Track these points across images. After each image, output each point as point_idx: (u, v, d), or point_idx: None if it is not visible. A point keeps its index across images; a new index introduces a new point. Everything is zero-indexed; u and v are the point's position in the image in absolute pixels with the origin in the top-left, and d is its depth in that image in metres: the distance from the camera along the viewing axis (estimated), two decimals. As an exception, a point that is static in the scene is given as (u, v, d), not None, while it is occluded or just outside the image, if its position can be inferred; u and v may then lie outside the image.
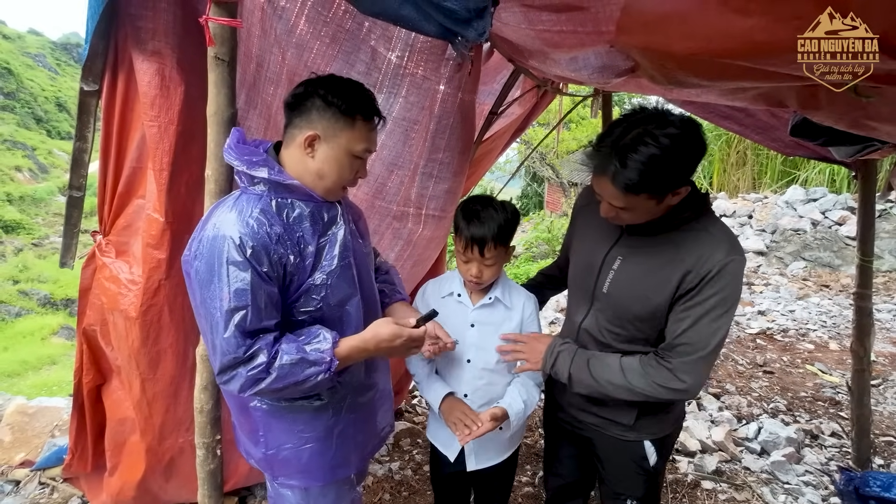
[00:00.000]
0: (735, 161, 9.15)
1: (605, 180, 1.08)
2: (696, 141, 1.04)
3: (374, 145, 1.14)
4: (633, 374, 1.19)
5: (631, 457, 1.35)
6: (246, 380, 1.00)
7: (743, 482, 2.43)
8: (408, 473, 2.39)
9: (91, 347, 1.70)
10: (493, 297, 1.42)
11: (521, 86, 2.32)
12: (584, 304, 1.34)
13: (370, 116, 1.08)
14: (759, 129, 2.12)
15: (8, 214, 18.43)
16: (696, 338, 1.13)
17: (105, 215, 1.55)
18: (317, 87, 1.04)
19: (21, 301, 14.39)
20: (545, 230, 9.60)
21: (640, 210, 1.11)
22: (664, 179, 1.04)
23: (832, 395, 3.35)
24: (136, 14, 1.29)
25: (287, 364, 1.02)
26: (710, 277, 1.11)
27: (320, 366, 1.04)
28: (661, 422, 1.33)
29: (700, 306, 1.12)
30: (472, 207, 1.34)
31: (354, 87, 1.07)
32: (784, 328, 4.53)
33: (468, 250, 1.33)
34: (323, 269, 1.09)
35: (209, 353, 1.05)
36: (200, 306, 1.01)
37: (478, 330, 1.41)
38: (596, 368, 1.23)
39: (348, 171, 1.10)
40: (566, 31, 1.09)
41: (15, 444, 2.44)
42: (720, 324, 1.13)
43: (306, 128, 1.04)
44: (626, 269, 1.23)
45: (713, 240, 1.14)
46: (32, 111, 27.28)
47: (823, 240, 6.28)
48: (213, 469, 1.30)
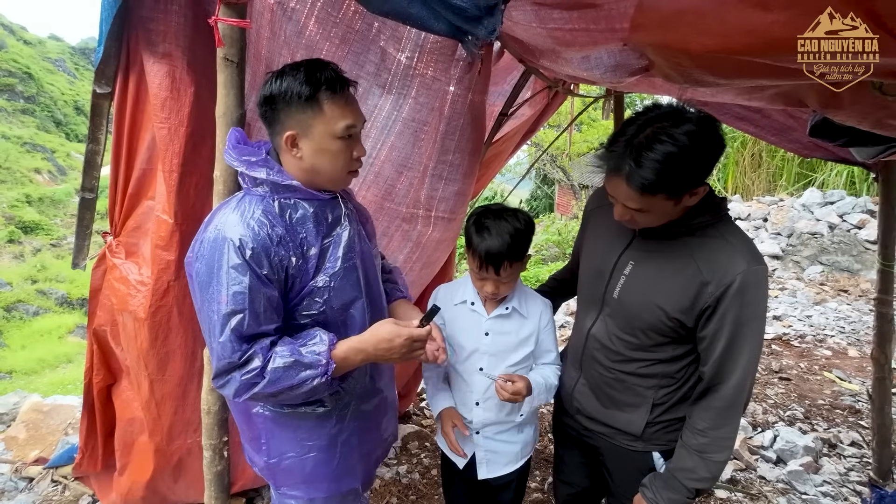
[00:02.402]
0: (750, 163, 9.01)
1: (619, 181, 1.04)
2: (714, 138, 1.00)
3: (358, 117, 1.06)
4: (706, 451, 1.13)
5: (639, 468, 1.30)
6: (240, 384, 0.98)
7: (758, 492, 2.37)
8: (415, 477, 2.38)
9: (101, 348, 1.71)
10: (509, 308, 1.37)
11: (531, 87, 2.30)
12: (593, 310, 1.30)
13: (336, 89, 1.00)
14: (776, 130, 2.07)
15: (27, 215, 18.87)
16: (730, 368, 1.09)
17: (116, 217, 1.56)
18: (270, 89, 1.00)
19: (39, 300, 14.70)
20: (555, 233, 9.54)
21: (657, 212, 1.07)
22: (681, 178, 1.00)
23: (851, 403, 3.26)
24: (147, 16, 1.30)
25: (280, 367, 0.98)
26: (733, 291, 1.05)
27: (316, 369, 1.00)
28: (671, 433, 1.27)
29: (729, 327, 1.07)
30: (483, 222, 1.26)
31: (305, 69, 1.00)
32: (801, 334, 4.43)
33: (483, 269, 1.26)
34: (326, 272, 1.07)
35: (210, 356, 1.04)
36: (200, 309, 1.00)
37: (492, 339, 1.37)
38: (686, 477, 1.15)
39: (342, 156, 1.04)
40: (578, 30, 1.07)
41: (30, 441, 2.47)
42: (753, 344, 1.08)
43: (283, 130, 1.01)
44: (638, 274, 1.19)
45: (731, 249, 1.08)
46: (52, 114, 27.95)
47: (841, 243, 6.13)
48: (220, 471, 1.29)
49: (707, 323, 1.10)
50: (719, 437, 1.12)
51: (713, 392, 1.12)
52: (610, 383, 1.28)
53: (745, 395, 1.11)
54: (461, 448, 1.36)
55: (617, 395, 1.28)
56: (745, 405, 1.13)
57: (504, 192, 12.95)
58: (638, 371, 1.23)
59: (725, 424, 1.11)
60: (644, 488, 1.21)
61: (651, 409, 1.24)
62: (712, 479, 1.14)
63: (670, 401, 1.23)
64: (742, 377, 1.09)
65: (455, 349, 1.41)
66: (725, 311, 1.07)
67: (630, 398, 1.26)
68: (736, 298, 1.05)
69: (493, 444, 1.43)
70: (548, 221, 11.08)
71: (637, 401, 1.25)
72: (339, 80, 1.01)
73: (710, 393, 1.13)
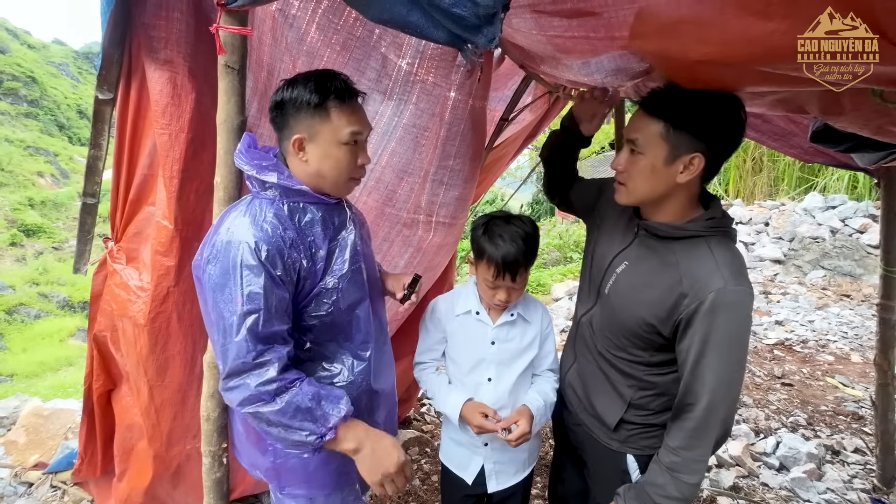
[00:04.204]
0: (751, 167, 9.00)
1: (637, 109, 1.09)
2: (732, 108, 1.04)
3: (364, 125, 1.10)
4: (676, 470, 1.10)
5: (614, 469, 1.29)
6: (251, 394, 0.99)
7: (761, 499, 2.36)
8: (415, 483, 2.36)
9: (101, 353, 1.71)
10: (515, 315, 1.37)
11: (532, 92, 2.30)
12: (589, 298, 1.32)
13: (344, 98, 1.05)
14: (777, 135, 2.07)
15: (30, 219, 18.92)
16: (699, 389, 1.05)
17: (117, 222, 1.56)
18: (282, 94, 1.05)
19: (40, 303, 14.71)
20: (557, 237, 9.52)
21: (647, 161, 1.07)
22: (685, 111, 1.02)
23: (855, 409, 3.24)
24: (149, 23, 1.30)
25: (295, 405, 1.00)
26: (704, 309, 1.02)
27: (319, 428, 1.02)
28: (648, 439, 1.24)
29: (697, 346, 1.04)
30: (495, 231, 1.25)
31: (315, 78, 1.04)
32: (803, 339, 4.41)
33: (499, 278, 1.25)
34: (334, 274, 1.10)
35: (217, 359, 1.04)
36: (212, 311, 1.01)
37: (498, 347, 1.36)
38: (656, 493, 1.12)
39: (346, 162, 1.08)
40: (578, 37, 1.07)
41: (29, 445, 2.47)
42: (723, 369, 1.03)
43: (291, 133, 1.05)
44: (628, 275, 1.19)
45: (713, 265, 1.04)
46: (55, 118, 28.06)
47: (843, 248, 6.11)
48: (219, 477, 1.29)
49: (682, 338, 1.08)
50: (690, 458, 1.08)
51: (686, 411, 1.08)
52: (594, 372, 1.29)
53: (716, 421, 1.05)
54: (496, 427, 1.29)
55: (599, 383, 1.29)
56: (725, 430, 1.08)
57: (505, 196, 12.94)
58: (618, 367, 1.23)
59: (696, 447, 1.07)
60: (618, 497, 1.20)
61: (627, 407, 1.23)
62: (683, 499, 1.09)
63: (648, 405, 1.22)
64: (711, 401, 1.04)
65: (458, 362, 1.40)
66: (696, 328, 1.04)
67: (609, 389, 1.26)
68: (706, 318, 1.02)
69: (502, 454, 1.42)
70: (549, 225, 11.07)
71: (614, 395, 1.25)
72: (348, 90, 1.06)
73: (683, 412, 1.09)
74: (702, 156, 1.04)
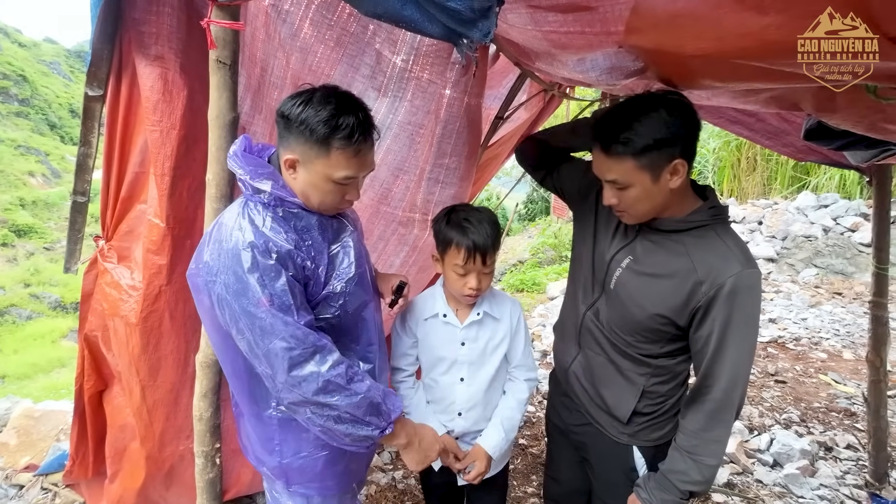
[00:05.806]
0: (745, 166, 9.05)
1: (596, 152, 1.08)
2: (687, 109, 1.03)
3: (364, 168, 1.05)
4: (697, 453, 1.12)
5: (621, 465, 1.30)
6: (326, 380, 0.98)
7: (755, 495, 2.37)
8: (411, 483, 2.36)
9: (92, 353, 1.69)
10: (480, 313, 1.37)
11: (527, 90, 2.30)
12: (592, 291, 1.31)
13: (352, 140, 0.98)
14: (770, 133, 2.08)
15: (21, 219, 18.72)
16: (720, 370, 1.08)
17: (107, 220, 1.54)
18: (291, 108, 0.98)
19: (32, 304, 14.55)
20: (552, 236, 9.53)
21: (637, 188, 1.07)
22: (652, 141, 1.01)
23: (847, 405, 3.27)
24: (139, 19, 1.29)
25: (369, 399, 1.02)
26: (725, 293, 1.05)
27: (381, 423, 1.05)
28: (657, 430, 1.26)
29: (719, 329, 1.07)
30: (459, 218, 1.28)
31: (330, 109, 0.97)
32: (796, 336, 4.44)
33: (469, 262, 1.26)
34: (341, 277, 1.09)
35: (262, 365, 1.00)
36: (242, 317, 0.96)
37: (468, 348, 1.37)
38: (679, 479, 1.14)
39: (331, 196, 1.04)
40: (573, 32, 1.07)
41: (20, 447, 2.44)
42: (743, 347, 1.07)
43: (286, 151, 1.01)
44: (634, 271, 1.19)
45: (727, 250, 1.09)
46: (46, 117, 27.79)
47: (836, 246, 6.16)
48: (213, 478, 1.27)
49: (700, 325, 1.10)
50: (709, 439, 1.11)
51: (704, 394, 1.11)
52: (604, 364, 1.29)
53: (736, 399, 1.10)
54: (456, 467, 1.39)
55: (610, 375, 1.28)
56: (739, 409, 1.12)
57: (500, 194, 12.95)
58: (631, 355, 1.23)
59: (716, 427, 1.11)
60: (638, 488, 1.21)
61: (641, 396, 1.23)
62: (705, 482, 1.13)
63: (660, 392, 1.23)
64: (732, 380, 1.08)
65: (432, 363, 1.40)
66: (717, 313, 1.07)
67: (621, 380, 1.26)
68: (727, 301, 1.05)
69: (466, 447, 1.43)
70: (544, 225, 11.07)
71: (627, 385, 1.25)
72: (361, 131, 0.99)
73: (701, 395, 1.12)
74: (681, 158, 1.05)
